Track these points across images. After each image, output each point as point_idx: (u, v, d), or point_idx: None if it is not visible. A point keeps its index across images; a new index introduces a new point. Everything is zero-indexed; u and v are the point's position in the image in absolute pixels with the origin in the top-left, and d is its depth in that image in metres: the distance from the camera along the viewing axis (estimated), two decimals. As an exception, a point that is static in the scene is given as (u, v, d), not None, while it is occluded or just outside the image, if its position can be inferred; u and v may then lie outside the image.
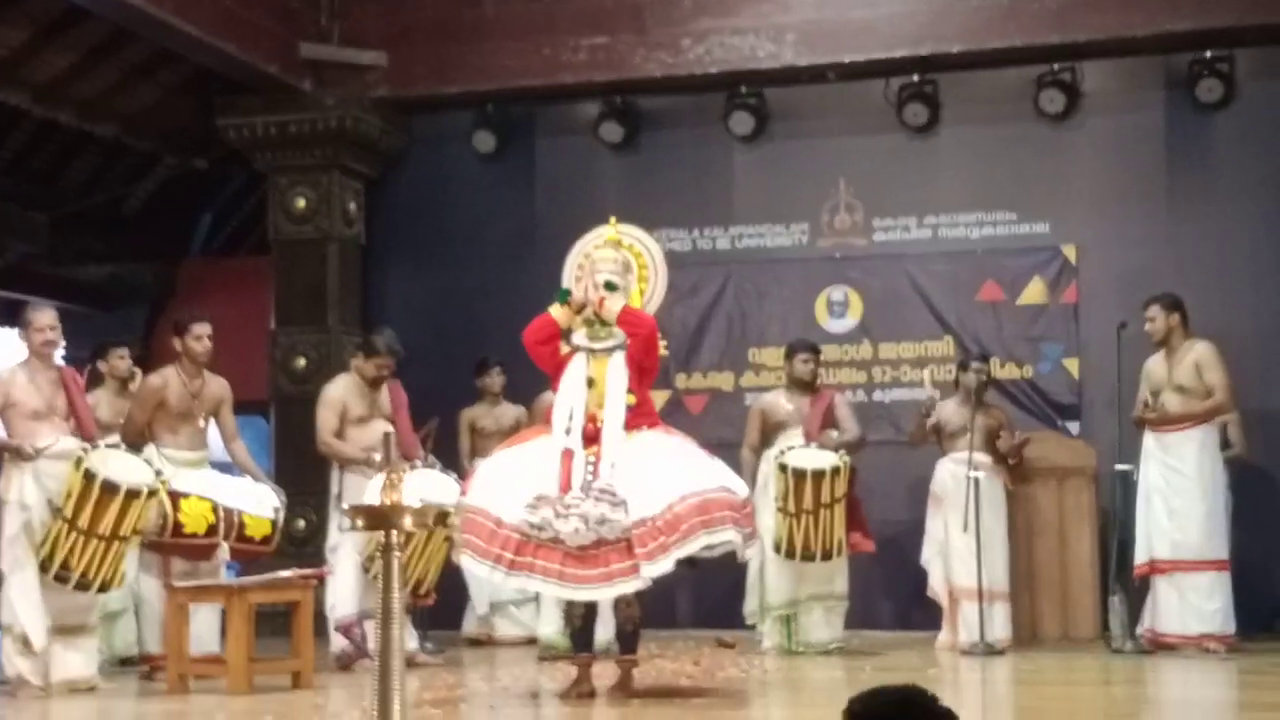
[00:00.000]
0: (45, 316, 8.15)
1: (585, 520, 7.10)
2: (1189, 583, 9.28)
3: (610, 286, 7.47)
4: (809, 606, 9.53)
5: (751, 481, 9.41)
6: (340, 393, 9.27)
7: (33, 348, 8.06)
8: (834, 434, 9.65)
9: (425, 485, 8.53)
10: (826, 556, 9.33)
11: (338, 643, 8.93)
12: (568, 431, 7.41)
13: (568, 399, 7.48)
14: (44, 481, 7.83)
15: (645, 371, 7.61)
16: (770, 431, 9.83)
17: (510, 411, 10.62)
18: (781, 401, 9.90)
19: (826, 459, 9.32)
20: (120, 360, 9.63)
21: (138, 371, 9.61)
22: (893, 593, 10.98)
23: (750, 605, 9.91)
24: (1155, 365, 9.49)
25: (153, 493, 7.86)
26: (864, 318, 11.35)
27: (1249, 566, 9.62)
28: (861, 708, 3.12)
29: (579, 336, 7.63)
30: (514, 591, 9.58)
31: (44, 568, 7.72)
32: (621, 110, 11.65)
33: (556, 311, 7.55)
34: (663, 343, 7.72)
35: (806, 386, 9.88)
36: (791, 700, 7.69)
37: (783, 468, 9.24)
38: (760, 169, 11.63)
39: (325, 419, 9.18)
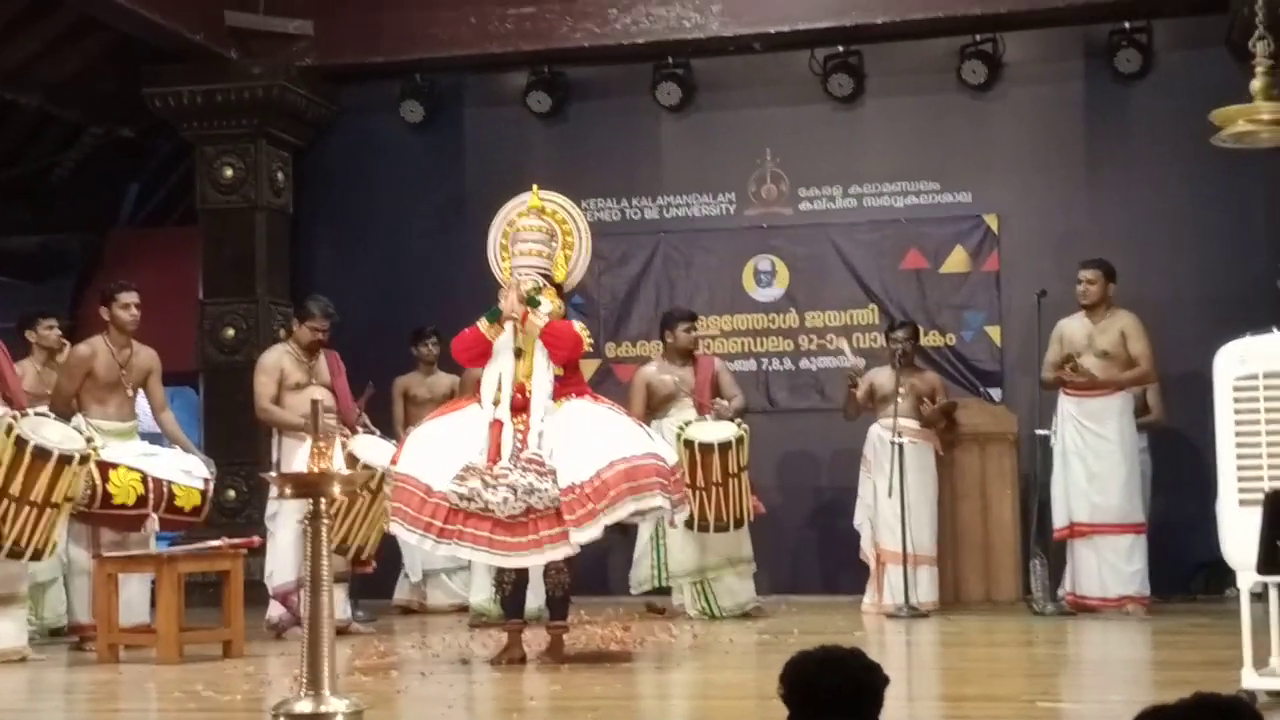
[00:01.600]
0: None
1: (514, 490, 7.17)
2: (1108, 545, 9.46)
3: (533, 302, 7.50)
4: (719, 573, 9.63)
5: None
6: (276, 359, 9.28)
7: None
8: (724, 403, 9.72)
9: (367, 450, 8.59)
10: (738, 525, 9.44)
11: (275, 610, 8.96)
12: (496, 402, 7.48)
13: (496, 369, 7.55)
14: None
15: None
16: (658, 404, 9.87)
17: (444, 380, 10.66)
18: (663, 373, 9.96)
19: (728, 430, 9.40)
20: (48, 330, 9.57)
21: (66, 343, 9.57)
22: (820, 558, 11.12)
23: (640, 574, 10.00)
24: (1075, 328, 9.62)
25: (84, 459, 7.86)
26: (790, 286, 11.46)
27: (1165, 529, 9.82)
28: (793, 667, 3.21)
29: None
30: (446, 560, 9.64)
31: (-26, 537, 7.72)
32: (549, 80, 11.68)
33: (485, 327, 7.57)
34: (588, 338, 7.75)
35: (688, 355, 9.96)
36: (718, 664, 7.79)
37: (687, 443, 9.27)
38: (687, 139, 11.71)
39: (263, 385, 9.18)
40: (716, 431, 9.38)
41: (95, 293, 10.20)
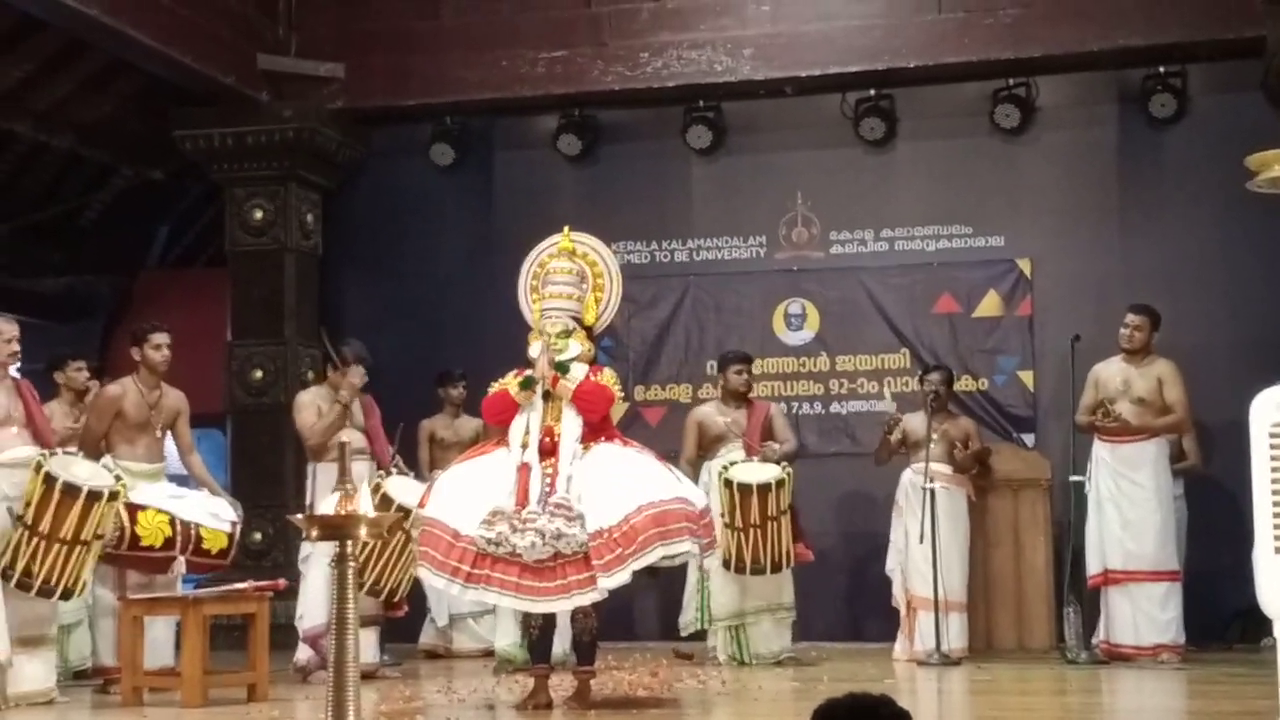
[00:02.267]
0: (12, 327, 8.11)
1: (541, 535, 7.11)
2: (1143, 593, 9.36)
3: (562, 368, 7.47)
4: (757, 619, 9.56)
5: (692, 495, 9.46)
6: (312, 398, 9.32)
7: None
8: (775, 446, 9.66)
9: (402, 491, 8.55)
10: (775, 569, 9.35)
11: (303, 653, 8.92)
12: (524, 446, 7.43)
13: (524, 413, 7.50)
14: (4, 489, 7.78)
15: None
16: (708, 444, 9.86)
17: (469, 424, 10.61)
18: (716, 414, 9.92)
19: (770, 472, 9.34)
20: (77, 372, 9.58)
21: (94, 384, 9.57)
22: (849, 604, 11.04)
23: (687, 617, 9.94)
24: (1111, 372, 9.55)
25: (114, 495, 7.83)
26: (821, 330, 11.41)
27: (1201, 577, 9.72)
28: (824, 714, 3.15)
29: (536, 350, 7.64)
30: (472, 603, 9.56)
31: (5, 575, 7.67)
32: (579, 123, 11.68)
33: (516, 393, 7.54)
34: (618, 390, 7.70)
35: (741, 398, 9.92)
36: (748, 711, 7.70)
37: (727, 483, 9.24)
38: (718, 182, 11.69)
39: (306, 418, 9.19)
40: (758, 473, 9.32)
41: (124, 334, 10.20)
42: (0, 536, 7.71)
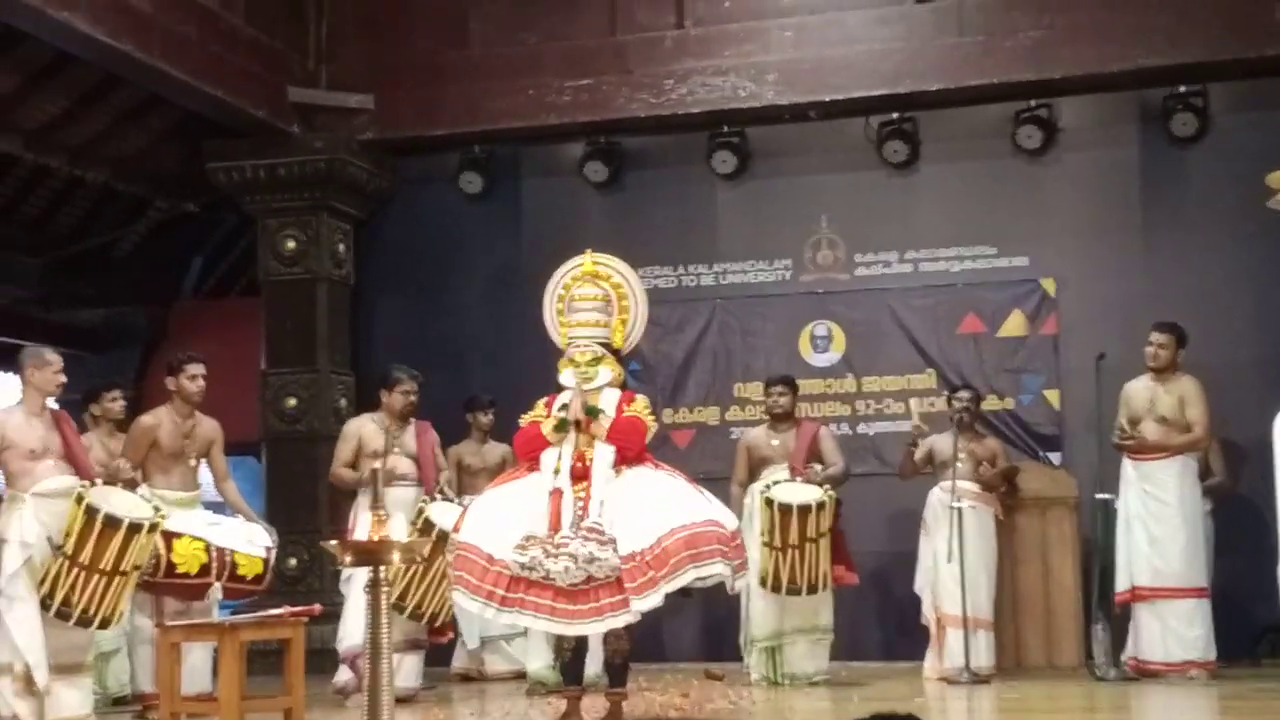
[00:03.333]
0: (58, 360, 8.24)
1: (575, 559, 7.18)
2: (1171, 610, 9.39)
3: (593, 412, 7.55)
4: (794, 639, 9.59)
5: (739, 516, 9.51)
6: (357, 426, 9.55)
7: (45, 388, 8.12)
8: (818, 468, 9.72)
9: (444, 516, 8.65)
10: (812, 590, 9.38)
11: (343, 674, 9.04)
12: (556, 471, 7.52)
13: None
14: (43, 519, 7.90)
15: None
16: (756, 466, 9.93)
17: (496, 450, 10.68)
18: (765, 437, 10.00)
19: (811, 493, 9.38)
20: (113, 403, 9.70)
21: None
22: (879, 623, 11.08)
23: (744, 637, 9.99)
24: (1137, 392, 9.60)
25: (154, 527, 7.93)
26: (847, 352, 11.47)
27: (1230, 594, 9.74)
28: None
29: (567, 377, 7.73)
30: (504, 626, 9.64)
31: (45, 605, 7.76)
32: (606, 150, 11.79)
33: (549, 432, 7.63)
34: (650, 418, 7.80)
35: (785, 419, 9.98)
36: (779, 731, 7.78)
37: (768, 502, 9.28)
38: (743, 206, 11.78)
39: (340, 451, 9.48)
40: (799, 494, 9.36)
41: (160, 364, 10.32)
42: (39, 566, 7.83)
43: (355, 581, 8.96)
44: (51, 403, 8.38)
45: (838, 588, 9.64)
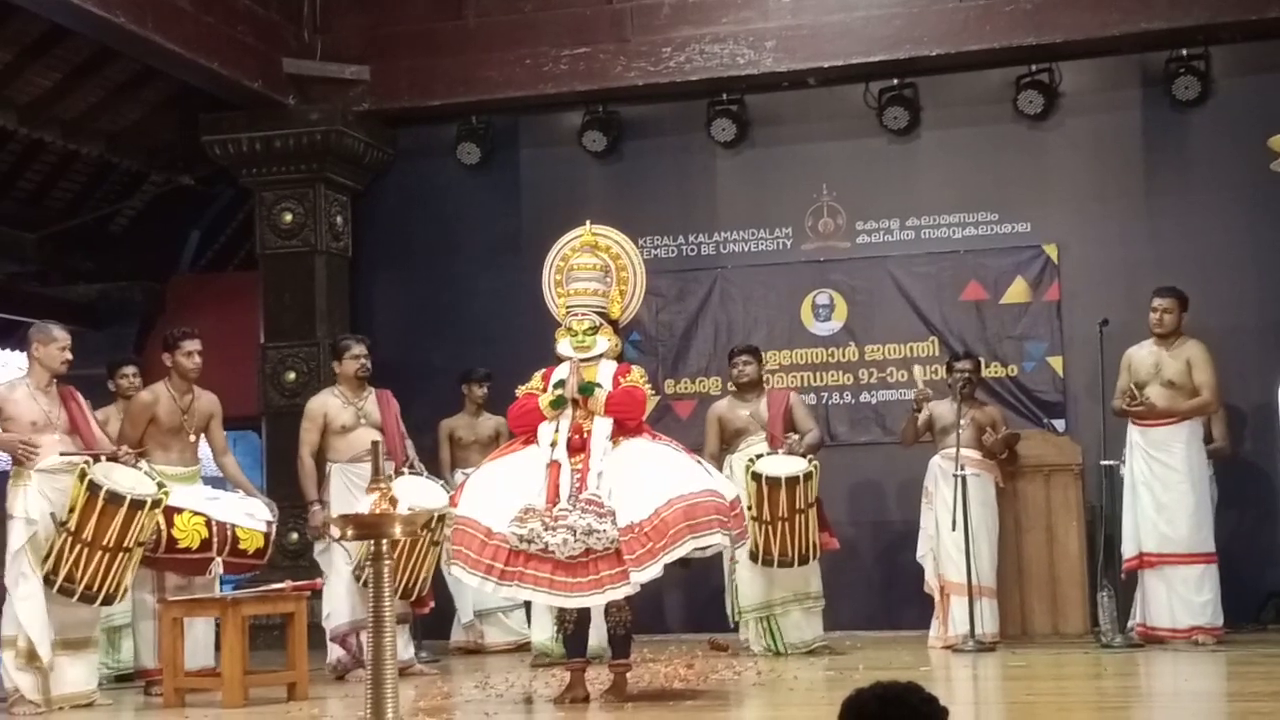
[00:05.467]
0: (65, 335, 8.22)
1: (573, 532, 7.16)
2: (1178, 576, 9.35)
3: (586, 390, 7.51)
4: (786, 609, 9.58)
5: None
6: (320, 405, 9.35)
7: (51, 364, 8.09)
8: (795, 438, 9.64)
9: (409, 492, 8.60)
10: (803, 561, 9.36)
11: (334, 653, 9.00)
12: (554, 443, 7.48)
13: (554, 412, 7.57)
14: (48, 494, 7.87)
15: None
16: (730, 438, 9.86)
17: (489, 423, 10.64)
18: (736, 408, 9.93)
19: (797, 465, 9.33)
20: (122, 380, 9.80)
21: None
22: (883, 592, 11.05)
23: (728, 608, 9.97)
24: (1142, 356, 9.54)
25: (156, 504, 7.91)
26: (849, 320, 11.43)
27: (1235, 559, 9.71)
28: (853, 703, 3.19)
29: (564, 346, 7.70)
30: (501, 599, 9.62)
31: (48, 580, 7.75)
32: (604, 119, 11.72)
33: (545, 407, 7.59)
34: (648, 387, 7.75)
35: (753, 388, 9.92)
36: (783, 701, 7.73)
37: (755, 476, 9.24)
38: (743, 175, 11.71)
39: (304, 432, 9.29)
40: (785, 466, 9.33)
41: (158, 339, 10.29)
42: (43, 542, 7.80)
43: (334, 556, 8.92)
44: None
45: (823, 554, 9.60)
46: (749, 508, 9.18)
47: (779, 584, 9.52)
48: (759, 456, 9.46)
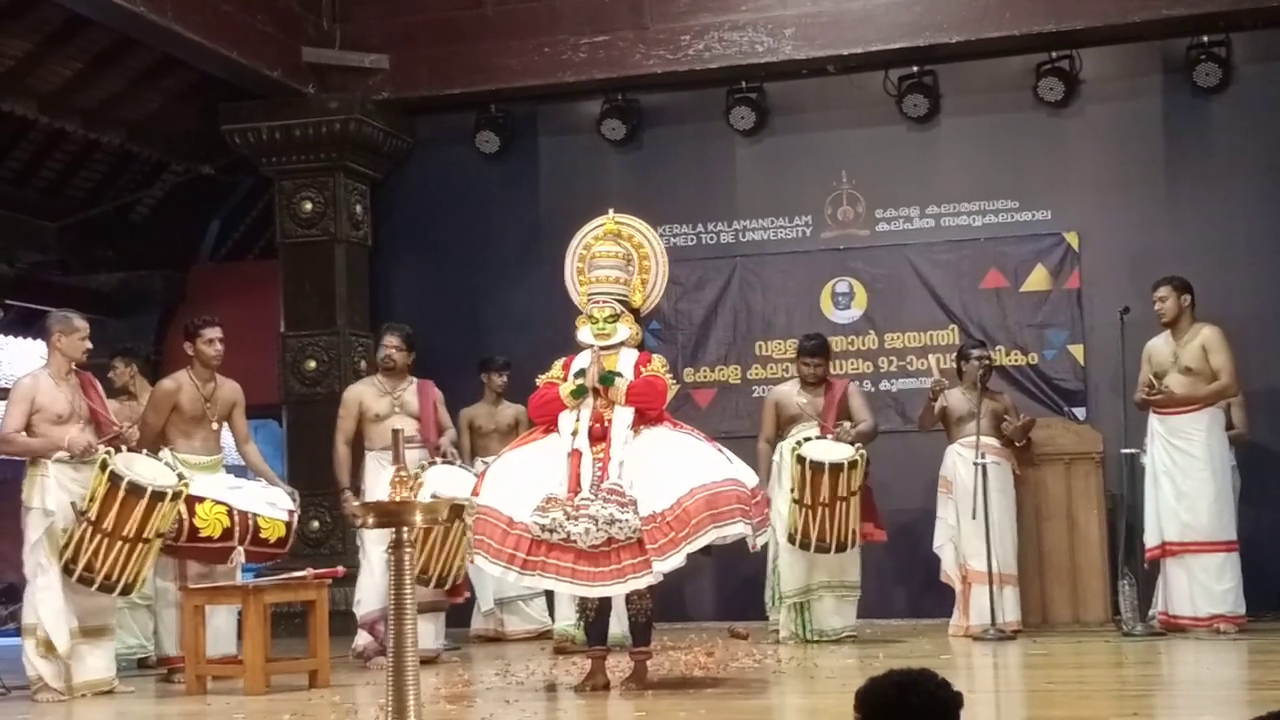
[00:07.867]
0: (86, 323, 8.24)
1: (595, 521, 7.16)
2: (1199, 564, 9.32)
3: (607, 380, 7.51)
4: (821, 595, 9.57)
5: (767, 474, 9.49)
6: (356, 394, 9.48)
7: (72, 353, 8.12)
8: (847, 425, 9.65)
9: (441, 481, 8.62)
10: (841, 549, 9.35)
11: (361, 638, 9.03)
12: (575, 433, 7.49)
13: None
14: (67, 485, 7.90)
15: None
16: (785, 424, 9.85)
17: (509, 411, 10.67)
18: (794, 394, 9.92)
19: (843, 452, 9.33)
20: (110, 373, 9.83)
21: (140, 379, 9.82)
22: (905, 580, 11.05)
23: (767, 595, 9.96)
24: (1159, 347, 9.51)
25: (176, 495, 7.93)
26: (869, 308, 11.42)
27: (1257, 546, 9.68)
28: (869, 691, 3.22)
29: (585, 334, 7.69)
30: (522, 587, 9.62)
31: (68, 570, 7.78)
32: (623, 107, 11.72)
33: (566, 396, 7.58)
34: (668, 376, 7.75)
35: (819, 383, 9.92)
36: (805, 689, 7.73)
37: (800, 459, 9.23)
38: (762, 163, 11.70)
39: (340, 420, 9.45)
40: (831, 452, 9.32)
41: (179, 328, 10.31)
42: (61, 533, 7.83)
43: (369, 544, 8.96)
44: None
45: (865, 544, 9.60)
46: (791, 490, 9.19)
47: (819, 569, 9.52)
48: (806, 440, 9.45)
